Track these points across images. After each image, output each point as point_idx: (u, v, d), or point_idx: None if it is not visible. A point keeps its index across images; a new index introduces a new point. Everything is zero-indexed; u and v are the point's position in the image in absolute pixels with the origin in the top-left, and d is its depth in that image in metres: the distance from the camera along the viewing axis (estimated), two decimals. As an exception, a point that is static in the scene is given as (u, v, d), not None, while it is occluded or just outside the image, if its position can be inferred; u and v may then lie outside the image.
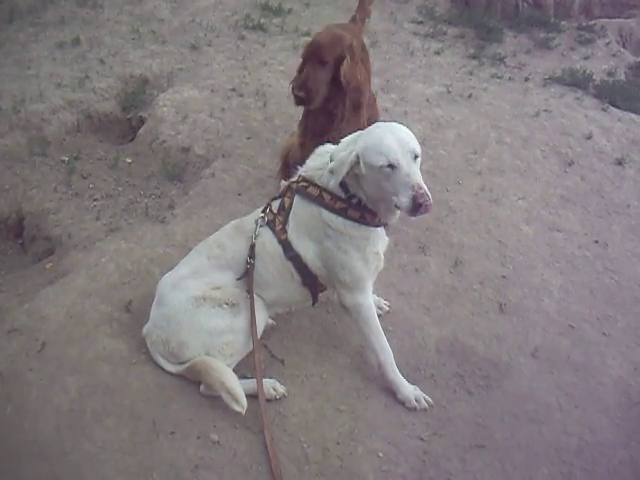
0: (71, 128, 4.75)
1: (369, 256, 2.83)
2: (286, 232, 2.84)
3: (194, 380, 2.77)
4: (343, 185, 2.76)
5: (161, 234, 3.70)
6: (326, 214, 2.78)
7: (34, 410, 2.61)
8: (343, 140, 2.85)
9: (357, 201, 2.77)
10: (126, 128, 5.07)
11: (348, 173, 2.66)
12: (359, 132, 2.83)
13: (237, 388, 2.64)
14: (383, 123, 2.82)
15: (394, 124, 2.75)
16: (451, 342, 3.30)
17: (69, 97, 4.92)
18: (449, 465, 2.70)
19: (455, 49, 6.85)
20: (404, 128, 2.72)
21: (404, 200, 2.54)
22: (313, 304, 3.04)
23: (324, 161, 2.85)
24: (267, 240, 2.85)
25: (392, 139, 2.61)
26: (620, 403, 3.12)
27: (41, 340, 2.90)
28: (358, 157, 2.64)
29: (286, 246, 2.84)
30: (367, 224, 2.79)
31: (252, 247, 2.84)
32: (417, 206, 2.51)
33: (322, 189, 2.81)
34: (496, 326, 3.46)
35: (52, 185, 4.18)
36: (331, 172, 2.72)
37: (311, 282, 2.92)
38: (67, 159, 4.44)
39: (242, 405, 2.62)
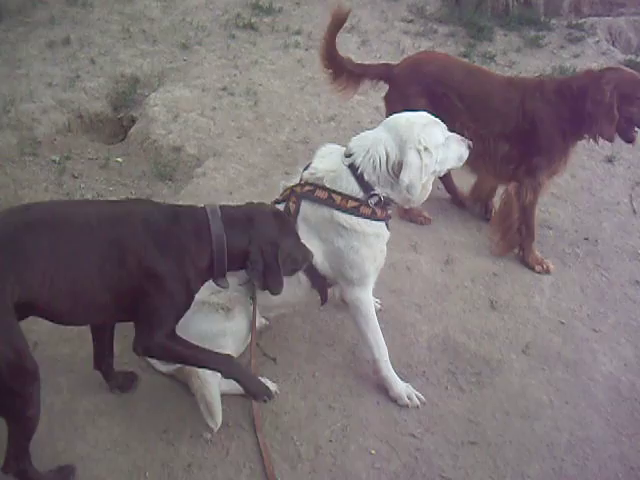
0: (62, 128, 4.74)
1: (377, 253, 2.83)
2: None
3: (185, 380, 2.77)
4: (365, 185, 2.72)
5: (153, 233, 3.69)
6: (339, 215, 2.73)
7: (26, 410, 2.61)
8: (360, 146, 2.75)
9: (377, 199, 2.74)
10: (117, 128, 5.06)
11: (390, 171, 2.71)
12: (379, 133, 2.77)
13: (215, 403, 2.63)
14: (397, 115, 2.85)
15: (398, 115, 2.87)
16: (443, 339, 3.32)
17: (60, 97, 4.91)
18: (441, 462, 2.72)
19: (446, 47, 6.86)
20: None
21: (465, 151, 2.89)
22: (322, 304, 3.01)
23: (334, 161, 2.80)
24: None
25: (426, 114, 2.82)
26: (611, 399, 3.14)
27: (33, 340, 2.89)
28: (427, 148, 2.68)
29: None
30: (378, 219, 2.78)
31: None
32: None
33: (331, 191, 2.74)
34: (487, 323, 3.48)
35: (43, 185, 4.17)
36: (409, 189, 2.67)
37: (320, 283, 2.89)
38: (58, 159, 4.44)
39: (216, 422, 2.61)
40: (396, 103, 3.94)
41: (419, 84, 3.96)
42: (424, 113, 2.83)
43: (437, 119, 2.81)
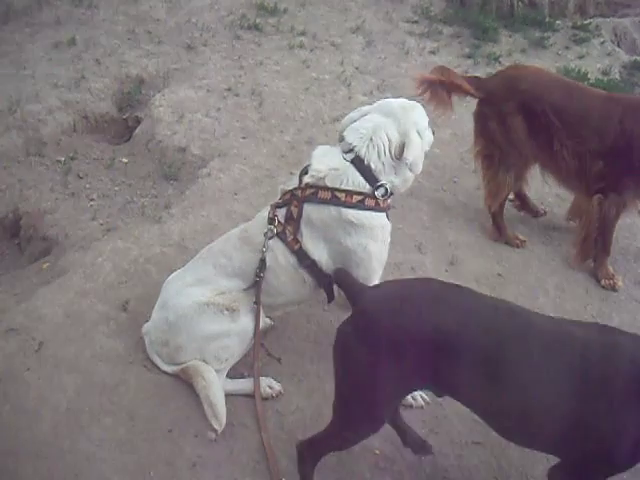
0: (67, 128, 4.75)
1: (382, 246, 2.86)
2: (299, 241, 2.79)
3: (189, 380, 2.78)
4: (371, 177, 2.76)
5: (158, 234, 3.71)
6: (347, 212, 2.73)
7: (32, 409, 2.62)
8: (361, 137, 2.79)
9: (384, 190, 2.78)
10: (122, 128, 5.07)
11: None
12: (377, 120, 2.82)
13: (219, 405, 2.66)
14: (386, 101, 2.95)
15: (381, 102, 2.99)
16: (447, 340, 3.31)
17: (65, 97, 4.92)
18: (445, 462, 2.72)
19: (450, 48, 6.86)
20: None
21: (432, 136, 3.01)
22: (329, 302, 3.00)
23: (334, 160, 2.80)
24: (279, 252, 2.79)
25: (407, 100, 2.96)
26: (615, 400, 3.13)
27: (38, 340, 2.91)
28: (422, 129, 2.85)
29: (301, 255, 2.78)
30: (381, 210, 2.80)
31: (262, 261, 2.77)
32: None
33: (334, 189, 2.74)
34: (492, 324, 3.47)
35: (49, 185, 4.18)
36: (412, 166, 2.78)
37: (327, 282, 2.88)
38: (63, 159, 4.45)
39: (220, 423, 2.63)
40: (490, 119, 3.93)
41: (515, 101, 3.84)
42: (404, 99, 2.95)
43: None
